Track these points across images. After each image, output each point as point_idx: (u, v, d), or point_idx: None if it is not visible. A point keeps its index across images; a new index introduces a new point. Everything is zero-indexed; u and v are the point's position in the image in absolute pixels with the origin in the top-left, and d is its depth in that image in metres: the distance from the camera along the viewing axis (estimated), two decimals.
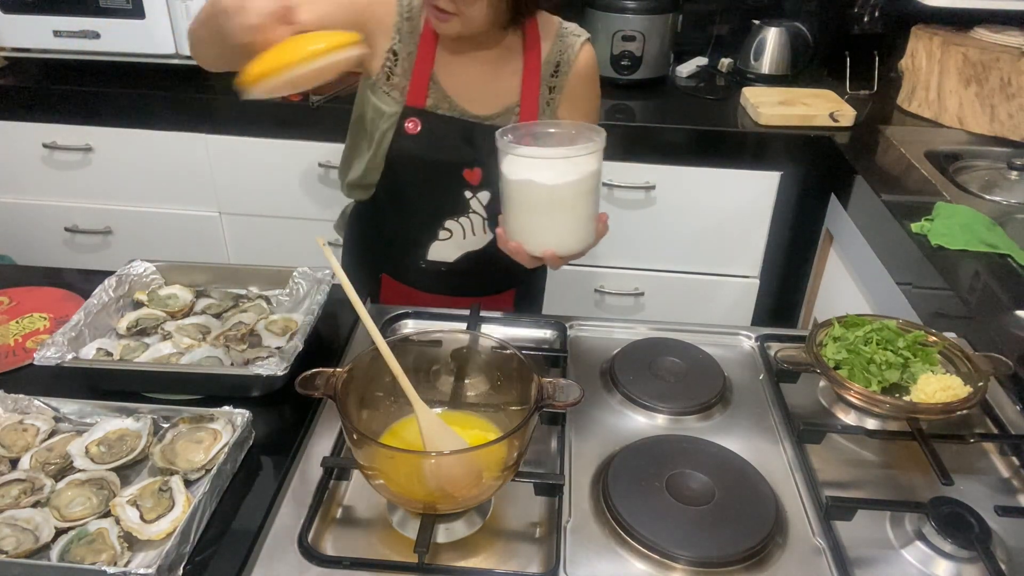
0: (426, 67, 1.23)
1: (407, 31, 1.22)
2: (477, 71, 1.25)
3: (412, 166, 1.27)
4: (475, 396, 0.95)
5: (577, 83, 1.28)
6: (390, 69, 1.23)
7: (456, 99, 1.25)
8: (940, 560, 0.81)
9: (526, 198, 1.05)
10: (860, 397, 0.99)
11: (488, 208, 1.31)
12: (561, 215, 1.06)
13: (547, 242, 1.08)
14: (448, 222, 1.32)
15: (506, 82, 1.26)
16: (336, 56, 0.92)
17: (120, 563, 0.77)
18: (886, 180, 1.70)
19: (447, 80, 1.25)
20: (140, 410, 0.94)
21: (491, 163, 1.21)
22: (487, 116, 1.26)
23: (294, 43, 0.90)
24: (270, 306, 1.17)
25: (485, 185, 1.29)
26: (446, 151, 1.26)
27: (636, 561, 0.81)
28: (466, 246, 1.35)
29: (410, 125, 1.24)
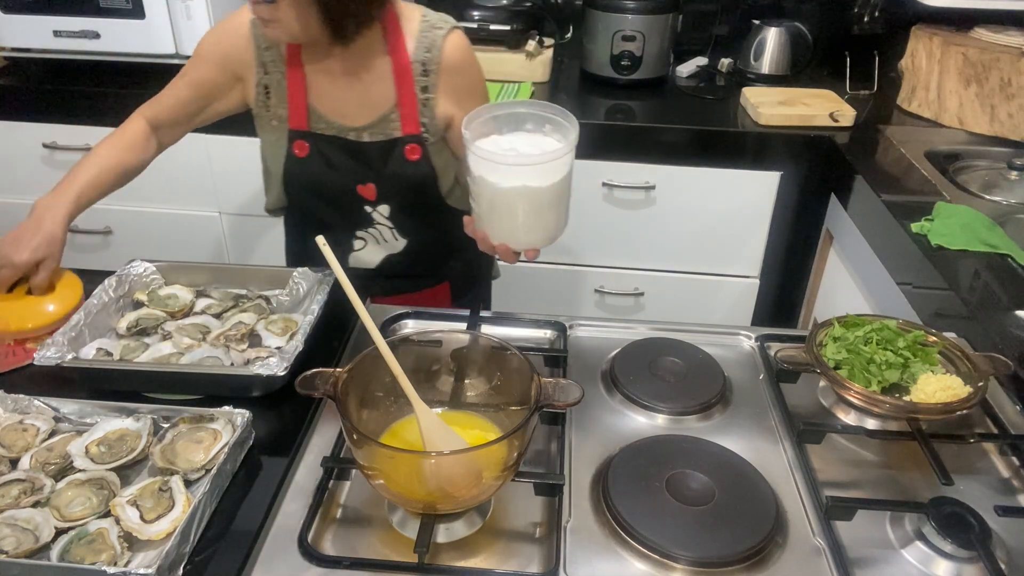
0: (299, 90, 1.23)
1: (270, 60, 1.23)
2: (346, 83, 1.23)
3: (307, 189, 1.30)
4: (475, 396, 0.95)
5: (450, 78, 1.24)
6: (264, 102, 1.26)
7: (331, 116, 1.25)
8: (940, 560, 0.81)
9: (518, 203, 1.02)
10: (860, 397, 0.99)
11: (392, 219, 1.33)
12: (551, 212, 1.05)
13: (535, 239, 1.07)
14: (358, 232, 1.35)
15: (377, 88, 1.23)
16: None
17: (120, 563, 0.77)
18: (886, 180, 1.70)
19: (320, 99, 1.24)
20: (140, 410, 0.94)
21: (382, 176, 1.26)
22: (365, 127, 1.25)
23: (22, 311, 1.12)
24: (270, 306, 1.17)
25: (382, 199, 1.29)
26: (336, 170, 1.26)
27: (636, 561, 0.81)
28: (383, 251, 1.37)
29: (297, 149, 1.26)
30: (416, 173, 1.27)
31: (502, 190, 1.00)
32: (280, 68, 1.23)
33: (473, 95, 1.28)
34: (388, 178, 1.27)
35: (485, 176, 1.00)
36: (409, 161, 1.25)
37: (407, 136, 1.25)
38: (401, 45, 1.22)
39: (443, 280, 1.48)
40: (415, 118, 1.24)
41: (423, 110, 1.25)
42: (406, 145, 1.25)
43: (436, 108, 1.26)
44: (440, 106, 1.26)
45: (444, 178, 1.32)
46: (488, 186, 1.00)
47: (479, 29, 2.13)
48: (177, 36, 2.01)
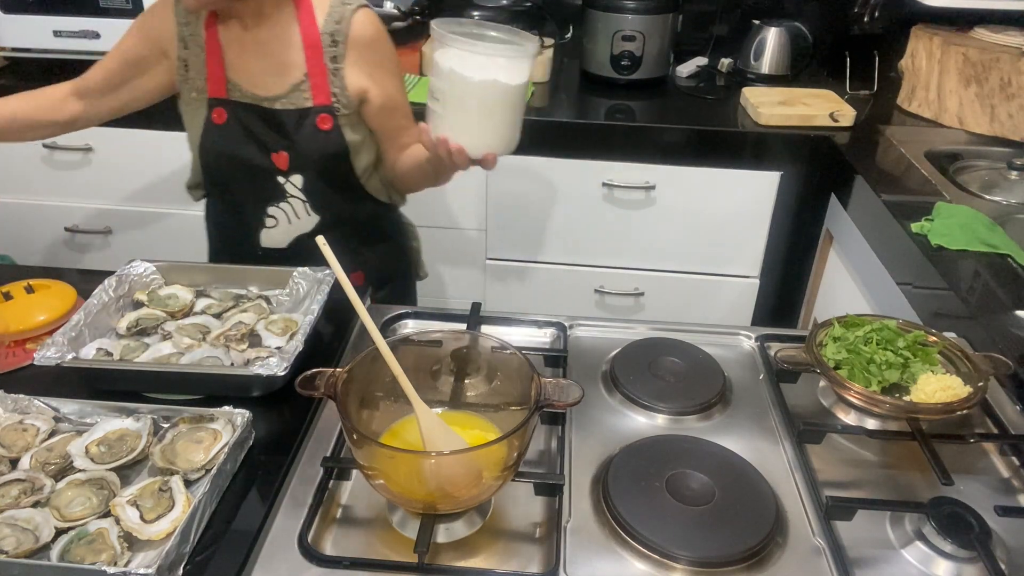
0: (217, 61, 1.28)
1: (189, 35, 1.28)
2: (260, 54, 1.28)
3: (223, 156, 1.32)
4: (475, 396, 0.95)
5: (358, 52, 1.28)
6: (183, 75, 1.30)
7: (246, 86, 1.29)
8: (940, 560, 0.81)
9: (484, 98, 1.05)
10: (860, 397, 0.99)
11: (304, 191, 1.34)
12: (512, 115, 1.08)
13: (492, 144, 1.10)
14: (270, 209, 1.36)
15: (288, 58, 1.28)
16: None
17: (120, 563, 0.77)
18: (886, 180, 1.70)
19: (235, 70, 1.29)
20: (140, 410, 0.94)
21: (295, 144, 1.29)
22: (278, 96, 1.29)
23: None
24: (270, 306, 1.17)
25: (294, 168, 1.32)
26: (251, 139, 1.30)
27: (636, 561, 0.81)
28: (295, 231, 1.38)
29: (216, 116, 1.30)
30: (327, 143, 1.30)
31: (474, 83, 1.03)
32: (199, 43, 1.28)
33: (385, 69, 1.33)
34: (300, 147, 1.30)
35: (456, 69, 1.03)
36: (321, 131, 1.29)
37: (318, 106, 1.29)
38: (311, 17, 1.27)
39: (356, 270, 1.48)
40: (325, 88, 1.28)
41: (333, 80, 1.29)
42: (318, 115, 1.29)
43: (346, 80, 1.29)
44: (350, 78, 1.29)
45: (358, 156, 1.35)
46: (458, 79, 1.03)
47: None
48: None
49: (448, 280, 2.24)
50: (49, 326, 1.13)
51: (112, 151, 2.13)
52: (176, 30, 1.28)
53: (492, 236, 2.15)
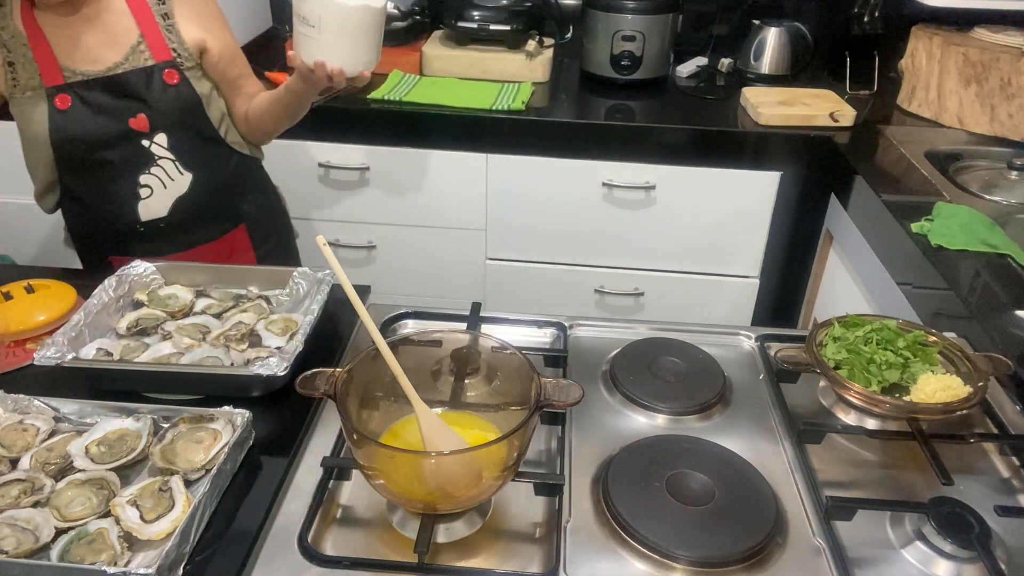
0: (45, 51, 1.28)
1: (8, 38, 1.28)
2: (88, 30, 1.30)
3: (78, 138, 1.31)
4: (475, 396, 0.95)
5: (186, 6, 1.36)
6: (14, 78, 1.29)
7: (82, 66, 1.30)
8: (940, 560, 0.81)
9: (360, 22, 1.20)
10: (860, 397, 0.99)
11: (172, 150, 1.37)
12: (379, 35, 1.25)
13: (367, 62, 1.25)
14: (142, 177, 1.36)
15: (118, 26, 1.31)
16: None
17: (120, 563, 0.77)
18: (886, 180, 1.70)
19: (68, 54, 1.29)
20: (140, 410, 0.94)
21: (149, 104, 1.32)
22: (119, 63, 1.31)
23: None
24: (270, 306, 1.17)
25: (157, 127, 1.34)
26: (103, 111, 1.31)
27: (636, 561, 0.81)
28: (172, 194, 1.39)
29: (60, 101, 1.29)
30: (179, 96, 1.35)
31: (352, 8, 1.18)
32: (21, 41, 1.28)
33: (215, 19, 1.41)
34: (155, 105, 1.33)
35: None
36: (170, 86, 1.34)
37: (161, 63, 1.33)
38: None
39: (238, 223, 1.52)
40: (163, 44, 1.33)
41: (169, 36, 1.34)
42: (163, 71, 1.33)
43: (182, 33, 1.35)
44: (185, 31, 1.36)
45: (210, 107, 1.40)
46: (337, 7, 1.17)
47: (479, 29, 2.13)
48: None
49: (448, 280, 2.24)
50: (49, 326, 1.13)
51: None
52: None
53: (492, 236, 2.15)
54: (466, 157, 2.02)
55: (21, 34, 1.28)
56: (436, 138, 2.01)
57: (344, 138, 2.01)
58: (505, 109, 1.97)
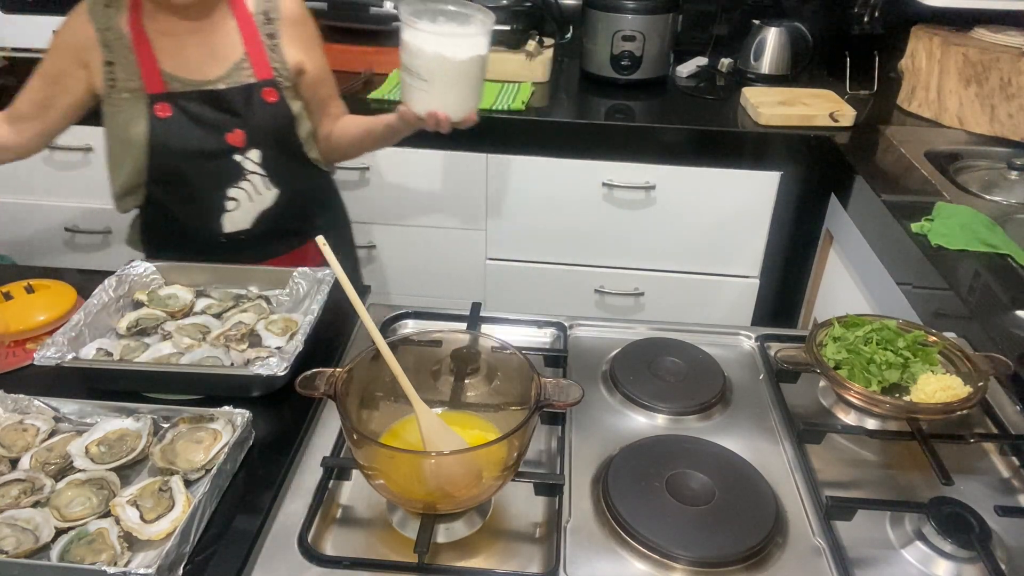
0: (148, 58, 1.29)
1: (113, 39, 1.29)
2: (194, 42, 1.32)
3: (176, 149, 1.32)
4: (475, 396, 0.95)
5: (292, 28, 1.38)
6: (112, 79, 1.30)
7: (186, 75, 1.32)
8: (940, 560, 0.81)
9: (469, 73, 1.22)
10: (860, 397, 0.99)
11: (263, 165, 1.38)
12: (482, 79, 1.27)
13: (472, 107, 1.27)
14: (231, 191, 1.37)
15: (225, 41, 1.33)
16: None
17: (120, 563, 0.77)
18: (886, 180, 1.70)
19: (171, 62, 1.31)
20: (140, 410, 0.94)
21: (247, 120, 1.33)
22: (220, 78, 1.33)
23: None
24: (270, 306, 1.17)
25: (251, 144, 1.35)
26: (202, 123, 1.32)
27: (636, 561, 0.81)
28: (256, 208, 1.41)
29: (160, 110, 1.30)
30: (276, 115, 1.37)
31: (461, 62, 1.19)
32: (124, 43, 1.29)
33: (315, 44, 1.43)
34: (252, 122, 1.35)
35: (443, 53, 1.17)
36: (268, 103, 1.35)
37: (262, 81, 1.35)
38: (240, 1, 1.35)
39: (311, 237, 1.50)
40: (266, 64, 1.35)
41: (272, 56, 1.36)
42: (262, 89, 1.35)
43: (285, 54, 1.37)
44: (288, 53, 1.38)
45: (300, 125, 1.42)
46: (445, 61, 1.19)
47: None
48: None
49: (448, 280, 2.24)
50: (49, 326, 1.13)
51: None
52: (96, 36, 1.29)
53: (492, 236, 2.15)
54: (466, 157, 2.02)
55: (126, 36, 1.29)
56: (436, 138, 2.00)
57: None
58: (505, 109, 1.97)
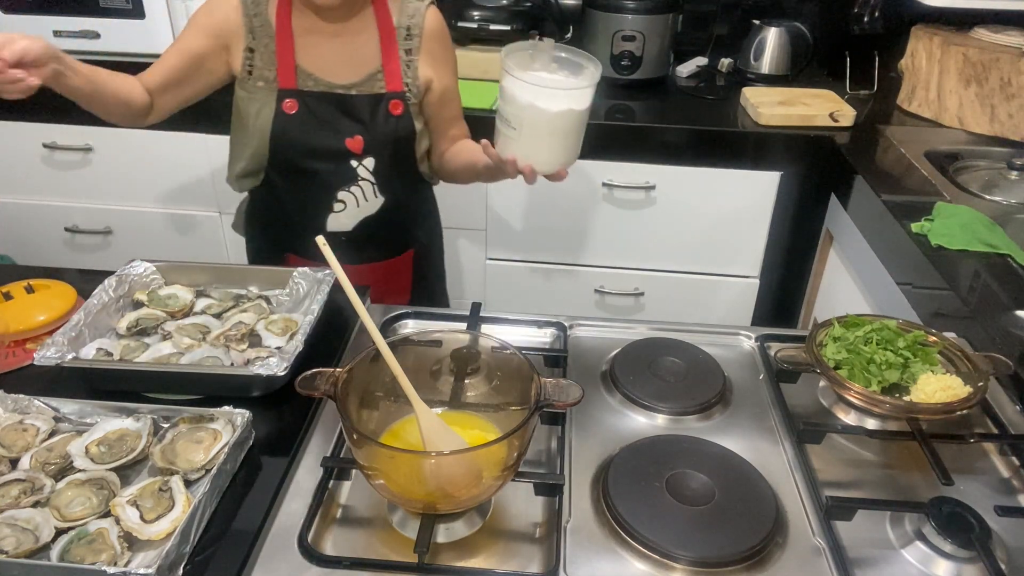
0: (287, 52, 1.31)
1: (258, 26, 1.31)
2: (335, 45, 1.33)
3: (296, 144, 1.34)
4: (475, 396, 0.95)
5: (431, 44, 1.38)
6: (251, 66, 1.33)
7: (321, 75, 1.33)
8: (940, 560, 0.81)
9: (560, 126, 1.13)
10: (860, 397, 0.99)
11: (376, 173, 1.38)
12: (579, 135, 1.17)
13: (564, 161, 1.18)
14: (340, 193, 1.38)
15: (364, 50, 1.35)
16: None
17: (120, 563, 0.77)
18: (886, 180, 1.70)
19: (309, 60, 1.33)
20: (140, 410, 0.94)
21: (369, 129, 1.34)
22: (353, 84, 1.34)
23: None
24: (270, 306, 1.17)
25: (369, 151, 1.36)
26: (326, 126, 1.34)
27: (636, 561, 0.81)
28: (361, 213, 1.41)
29: (288, 106, 1.32)
30: (399, 127, 1.37)
31: (552, 114, 1.11)
32: (268, 32, 1.31)
33: (448, 63, 1.44)
34: (374, 131, 1.36)
35: (535, 103, 1.10)
36: (393, 115, 1.36)
37: (391, 92, 1.36)
38: (386, 10, 1.36)
39: (408, 248, 1.55)
40: (399, 77, 1.36)
41: (407, 71, 1.37)
42: (390, 100, 1.36)
43: (419, 70, 1.38)
44: (421, 69, 1.38)
45: (420, 141, 1.42)
46: (537, 111, 1.11)
47: (479, 29, 2.13)
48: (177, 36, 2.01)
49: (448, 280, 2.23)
50: (49, 326, 1.13)
51: (112, 151, 2.13)
52: (244, 22, 1.31)
53: (492, 236, 2.15)
54: None
55: (271, 25, 1.31)
56: None
57: None
58: None
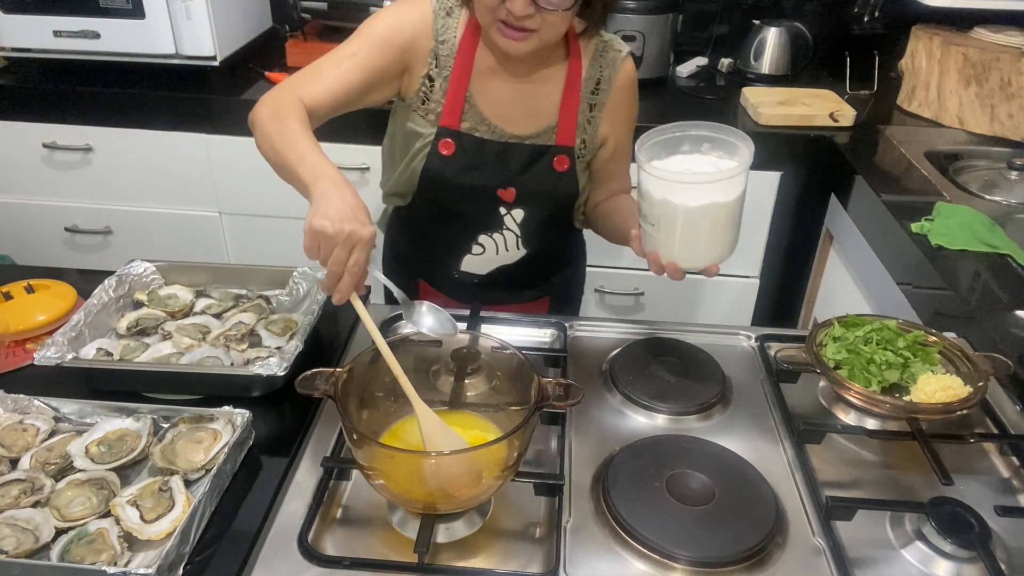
0: (461, 89, 1.19)
1: (443, 54, 1.18)
2: (515, 91, 1.22)
3: (446, 185, 1.24)
4: (475, 396, 0.95)
5: (619, 98, 1.26)
6: (425, 94, 1.20)
7: (493, 120, 1.22)
8: (940, 560, 0.81)
9: (700, 222, 0.99)
10: (860, 397, 0.99)
11: (522, 226, 1.28)
12: (731, 226, 1.02)
13: (711, 257, 1.02)
14: (482, 237, 1.30)
15: (545, 101, 1.22)
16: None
17: (120, 563, 0.77)
18: (886, 180, 1.70)
19: (484, 101, 1.21)
20: (140, 410, 0.94)
21: (525, 181, 1.22)
22: (526, 136, 1.23)
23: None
24: (270, 306, 1.17)
25: (519, 203, 1.25)
26: (480, 172, 1.22)
27: (636, 561, 0.81)
28: (498, 261, 1.33)
29: (444, 146, 1.21)
30: (560, 184, 1.25)
31: (689, 209, 0.97)
32: (448, 64, 1.19)
33: (630, 119, 1.31)
34: (530, 184, 1.24)
35: (669, 198, 0.97)
36: (555, 171, 1.24)
37: (559, 146, 1.23)
38: (578, 61, 1.22)
39: (544, 295, 1.44)
40: (572, 131, 1.23)
41: (586, 127, 1.24)
42: (556, 155, 1.23)
43: (599, 127, 1.26)
44: (602, 126, 1.26)
45: (581, 197, 1.31)
46: (673, 208, 0.98)
47: None
48: (177, 36, 2.01)
49: None
50: (49, 326, 1.13)
51: (112, 151, 2.13)
52: (432, 46, 1.18)
53: None
54: None
55: (452, 58, 1.18)
56: None
57: (343, 138, 2.01)
58: None
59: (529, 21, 1.06)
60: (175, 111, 2.05)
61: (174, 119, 2.06)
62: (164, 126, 2.07)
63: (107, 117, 2.08)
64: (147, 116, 2.07)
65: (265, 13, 2.40)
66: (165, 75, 2.10)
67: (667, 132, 1.02)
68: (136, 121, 2.08)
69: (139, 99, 2.06)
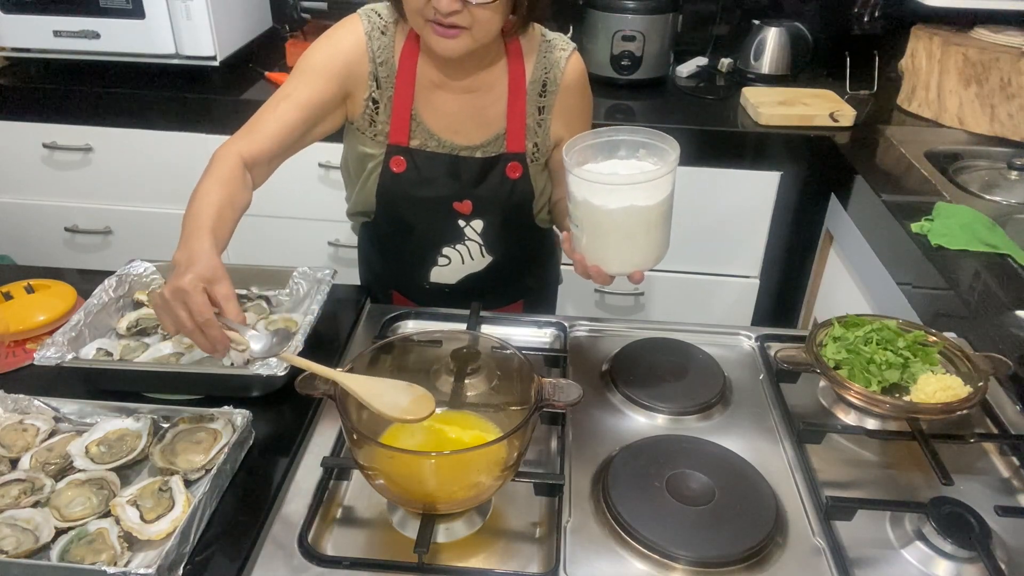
0: (406, 106, 1.19)
1: (383, 75, 1.18)
2: (460, 102, 1.21)
3: (401, 202, 1.25)
4: (475, 396, 0.95)
5: (568, 98, 1.24)
6: (371, 116, 1.21)
7: (441, 134, 1.22)
8: (940, 560, 0.81)
9: (622, 224, 0.99)
10: (860, 397, 0.99)
11: (483, 235, 1.29)
12: (654, 232, 1.01)
13: (635, 262, 1.02)
14: (445, 249, 1.30)
15: (492, 109, 1.22)
16: None
17: (120, 563, 0.77)
18: (886, 180, 1.70)
19: (430, 116, 1.21)
20: (140, 410, 0.94)
21: (480, 193, 1.23)
22: (476, 146, 1.23)
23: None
24: (270, 306, 1.17)
25: (477, 214, 1.26)
26: (433, 187, 1.23)
27: (636, 561, 0.81)
28: (466, 270, 1.34)
29: (395, 163, 1.21)
30: (514, 191, 1.25)
31: (609, 211, 0.97)
32: (390, 84, 1.19)
33: (584, 117, 1.29)
34: (485, 194, 1.24)
35: (590, 199, 0.97)
36: (509, 179, 1.24)
37: (510, 153, 1.23)
38: (520, 65, 1.21)
39: (518, 299, 1.45)
40: (522, 136, 1.23)
41: (536, 130, 1.24)
42: (508, 162, 1.23)
43: (550, 129, 1.24)
44: (553, 127, 1.25)
45: (540, 199, 1.30)
46: (593, 209, 0.97)
47: None
48: (177, 36, 2.01)
49: None
50: (49, 326, 1.13)
51: (112, 151, 2.13)
52: (370, 69, 1.18)
53: None
54: None
55: (393, 78, 1.18)
56: None
57: (342, 138, 2.02)
58: None
59: (458, 18, 1.05)
60: (175, 111, 2.05)
61: (174, 119, 2.06)
62: (164, 126, 2.07)
63: (107, 117, 2.09)
64: (147, 116, 2.07)
65: (265, 13, 2.40)
66: (165, 75, 2.10)
67: (601, 135, 1.03)
68: (136, 121, 2.08)
69: (139, 99, 2.06)
